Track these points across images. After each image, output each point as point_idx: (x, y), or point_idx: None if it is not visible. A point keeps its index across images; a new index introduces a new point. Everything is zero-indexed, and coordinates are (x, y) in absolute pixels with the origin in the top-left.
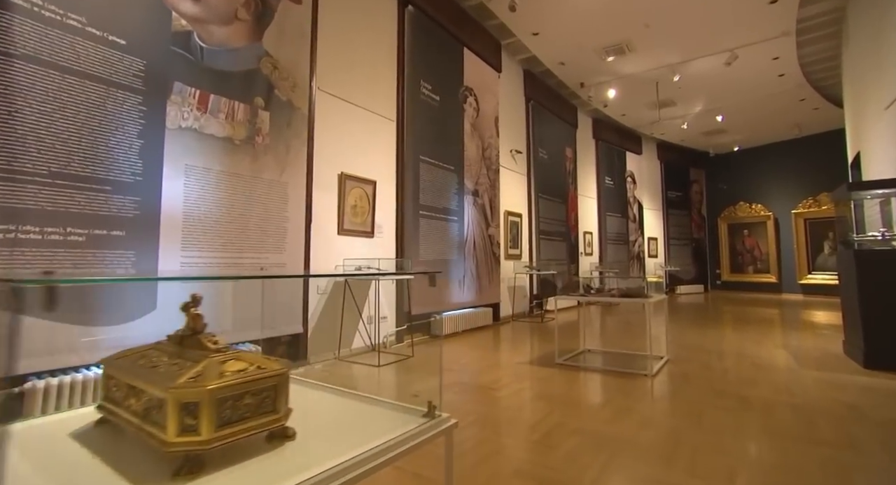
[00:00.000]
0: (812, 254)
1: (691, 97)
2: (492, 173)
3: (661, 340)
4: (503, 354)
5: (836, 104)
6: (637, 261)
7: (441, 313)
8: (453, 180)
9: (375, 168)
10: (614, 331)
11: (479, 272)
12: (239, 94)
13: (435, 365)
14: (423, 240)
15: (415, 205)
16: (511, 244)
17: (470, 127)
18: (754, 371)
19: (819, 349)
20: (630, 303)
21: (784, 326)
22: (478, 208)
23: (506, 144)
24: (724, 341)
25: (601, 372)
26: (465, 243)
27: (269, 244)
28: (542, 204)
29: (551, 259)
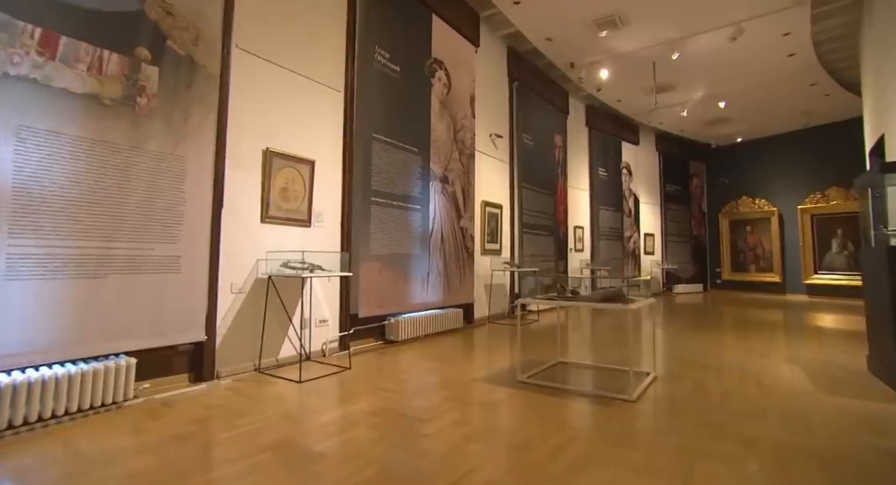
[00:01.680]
0: (819, 252)
1: (691, 81)
2: (465, 158)
3: (650, 350)
4: (461, 366)
5: (850, 90)
6: (632, 258)
7: (399, 316)
8: (416, 164)
9: (314, 146)
10: (598, 338)
11: (448, 269)
12: (110, 41)
13: (372, 380)
14: (377, 231)
15: (366, 190)
16: (489, 238)
17: (439, 105)
18: (761, 396)
19: (837, 364)
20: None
21: (792, 333)
22: (447, 197)
23: (484, 128)
24: (724, 352)
25: (570, 395)
26: (430, 236)
27: (156, 232)
28: (527, 195)
29: (536, 255)
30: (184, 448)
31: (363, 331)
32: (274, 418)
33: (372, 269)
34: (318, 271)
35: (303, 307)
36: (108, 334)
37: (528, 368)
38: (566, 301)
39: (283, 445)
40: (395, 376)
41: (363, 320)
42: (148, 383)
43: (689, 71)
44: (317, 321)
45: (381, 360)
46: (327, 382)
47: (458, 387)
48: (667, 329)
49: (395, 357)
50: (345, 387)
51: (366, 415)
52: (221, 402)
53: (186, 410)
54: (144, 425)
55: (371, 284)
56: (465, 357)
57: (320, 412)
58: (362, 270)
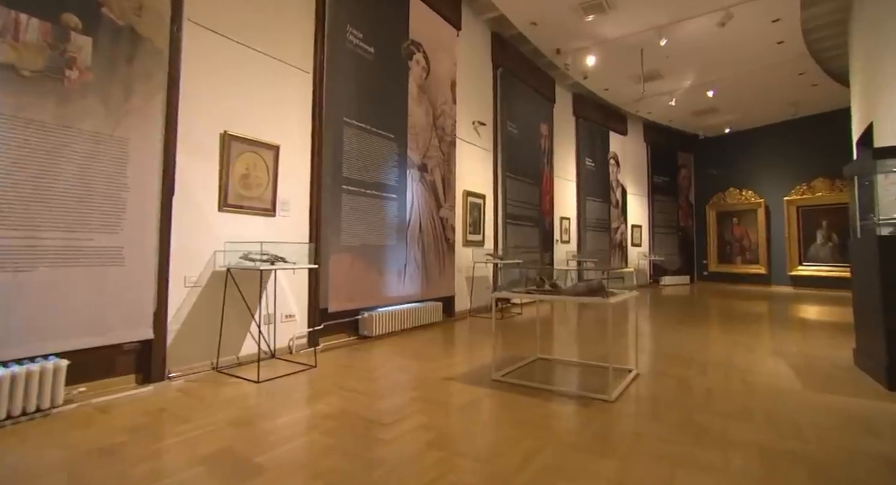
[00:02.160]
0: (804, 244)
1: (680, 68)
2: (446, 146)
3: (633, 345)
4: (435, 363)
5: (838, 80)
6: (619, 250)
7: (374, 310)
8: (392, 151)
9: (279, 130)
10: (582, 332)
11: (427, 261)
12: (29, 4)
13: (337, 379)
14: (348, 221)
15: (336, 178)
16: (471, 229)
17: (417, 89)
18: (747, 394)
19: (823, 358)
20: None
21: (777, 326)
22: (426, 186)
23: (466, 115)
24: (709, 346)
25: (546, 395)
26: (407, 226)
27: (94, 221)
28: (511, 185)
29: (520, 247)
30: (103, 464)
31: (334, 326)
32: (220, 424)
33: (343, 261)
34: (279, 263)
35: (267, 302)
36: (34, 334)
37: (505, 364)
38: (543, 295)
39: (222, 456)
40: (362, 375)
41: (334, 315)
42: (84, 386)
43: (677, 58)
44: (282, 316)
45: (351, 357)
46: (288, 381)
47: (428, 386)
48: (652, 322)
49: (366, 354)
50: (306, 387)
51: (322, 418)
52: (167, 405)
53: (123, 416)
54: (67, 436)
55: (342, 277)
56: (441, 353)
57: (273, 416)
58: (332, 262)
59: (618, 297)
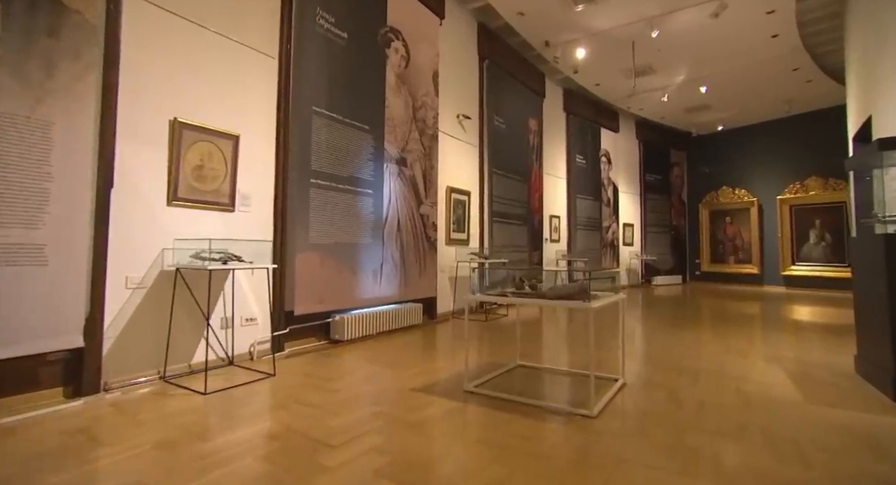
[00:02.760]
0: (797, 243)
1: (672, 63)
2: (427, 139)
3: (620, 352)
4: (406, 370)
5: (832, 76)
6: (610, 249)
7: (347, 312)
8: (367, 143)
9: (240, 119)
10: (570, 336)
11: (406, 260)
12: None
13: (293, 390)
14: (318, 217)
15: (304, 171)
16: (455, 227)
17: (395, 79)
18: (742, 407)
19: (822, 365)
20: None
21: (771, 328)
22: (405, 181)
23: (450, 108)
24: (702, 352)
25: (521, 410)
26: (384, 224)
27: (7, 215)
28: (498, 181)
29: (507, 246)
30: None
31: (303, 330)
32: (143, 448)
33: (311, 260)
34: (234, 263)
35: (225, 304)
36: None
37: (482, 372)
38: (519, 297)
39: None
40: (323, 385)
41: (301, 318)
42: None
43: (669, 52)
44: (242, 320)
45: (315, 364)
46: (239, 392)
47: (392, 399)
48: (643, 324)
49: (334, 360)
50: (257, 399)
51: (264, 439)
52: (90, 424)
53: (30, 439)
54: None
55: (310, 278)
56: (416, 359)
57: (208, 437)
58: (299, 262)
59: (601, 300)
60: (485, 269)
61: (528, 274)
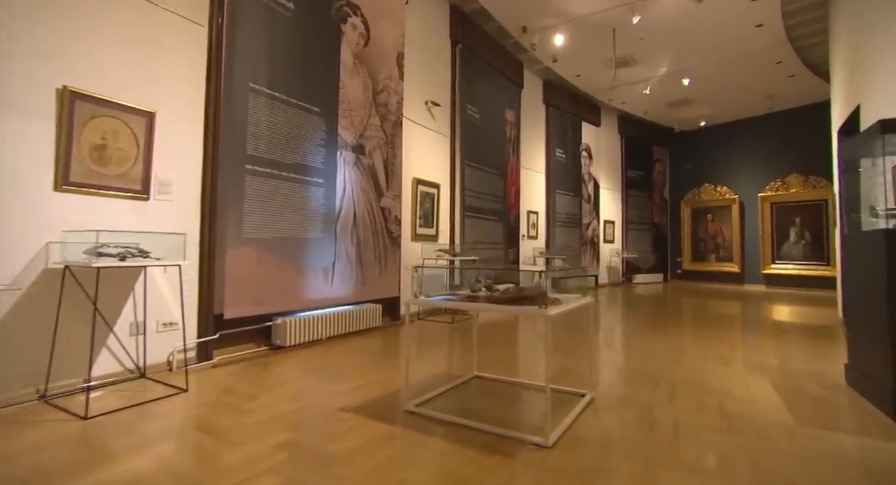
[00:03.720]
0: (777, 241)
1: (654, 53)
2: (389, 126)
3: (589, 362)
4: (343, 384)
5: (815, 71)
6: (591, 247)
7: (292, 314)
8: (317, 127)
9: (157, 93)
10: (542, 341)
11: (364, 257)
12: None
13: (199, 411)
14: (255, 208)
15: (239, 156)
16: (422, 221)
17: (352, 57)
18: (725, 432)
19: (809, 375)
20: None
21: (754, 331)
22: (363, 170)
23: (418, 94)
24: (681, 358)
25: (464, 437)
26: (337, 217)
27: None
28: (471, 174)
29: (481, 242)
30: None
31: (237, 335)
32: None
33: (246, 256)
34: (133, 260)
35: (136, 307)
36: None
37: (432, 385)
38: (466, 301)
39: None
40: (239, 404)
41: (234, 322)
42: None
43: (651, 40)
44: (158, 325)
45: (243, 375)
46: (130, 416)
47: (312, 423)
48: (620, 327)
49: (266, 371)
50: (147, 426)
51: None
52: None
53: None
54: None
55: (244, 276)
56: (361, 369)
57: (56, 481)
58: (231, 258)
59: (562, 306)
60: (422, 269)
61: (486, 274)
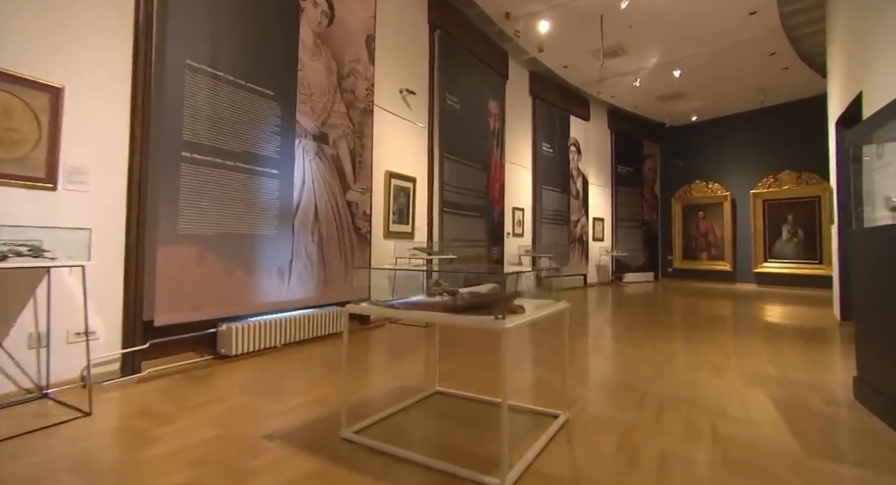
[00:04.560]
0: (769, 239)
1: (644, 43)
2: (357, 114)
3: (565, 376)
4: (281, 403)
5: (809, 63)
6: (579, 244)
7: (241, 320)
8: (271, 112)
9: (67, 65)
10: (523, 345)
11: (326, 256)
12: None
13: (98, 439)
14: (195, 201)
15: (174, 142)
16: (395, 217)
17: (313, 37)
18: (721, 465)
19: (812, 387)
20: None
21: (749, 334)
22: (326, 161)
23: (391, 80)
24: (670, 368)
25: (405, 474)
26: (295, 211)
27: None
28: (451, 168)
29: (462, 240)
30: None
31: (176, 344)
32: None
33: (182, 255)
34: (16, 260)
35: (37, 315)
36: None
37: (384, 404)
38: (409, 311)
39: None
40: (143, 432)
41: (168, 330)
42: None
43: (640, 28)
44: (69, 335)
45: (167, 392)
46: (14, 448)
47: (225, 456)
48: (607, 330)
49: (199, 386)
50: (14, 465)
51: None
52: None
53: None
54: None
55: (179, 278)
56: (311, 382)
57: None
58: (163, 258)
59: (524, 316)
60: (367, 271)
61: (444, 276)
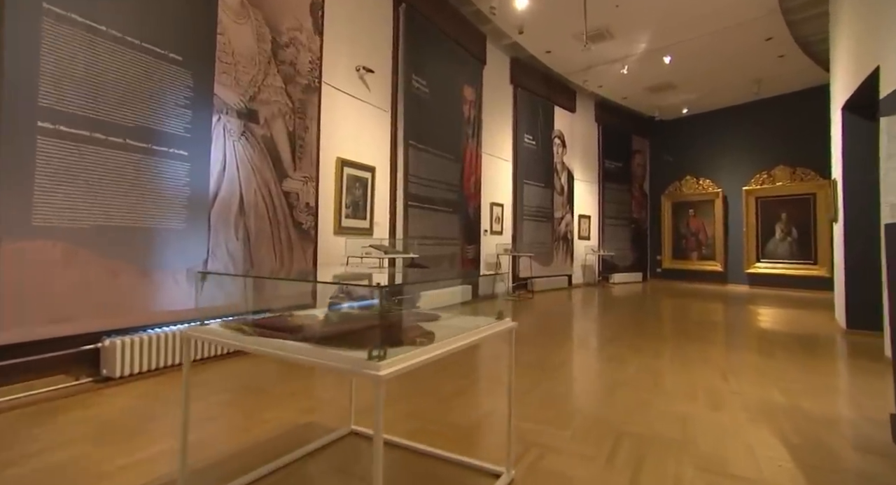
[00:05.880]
0: (762, 238)
1: (632, 24)
2: (299, 91)
3: (509, 415)
4: (138, 450)
5: (806, 50)
6: (564, 243)
7: (134, 333)
8: (179, 81)
9: None
10: (490, 363)
11: (256, 254)
12: None
13: None
14: (59, 184)
15: (25, 108)
16: (349, 211)
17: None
18: None
19: (837, 423)
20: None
21: (747, 348)
22: (255, 144)
23: (345, 56)
24: (654, 399)
25: None
26: (211, 202)
27: None
28: (418, 157)
29: (430, 237)
30: None
31: (36, 366)
32: None
33: (38, 253)
34: None
35: None
36: None
37: (275, 451)
38: (248, 337)
39: None
40: None
41: (23, 349)
42: None
43: (628, 7)
44: None
45: None
46: None
47: None
48: (584, 342)
49: (38, 425)
50: None
51: None
52: None
53: None
54: None
55: (35, 282)
56: (199, 416)
57: None
58: (10, 257)
59: (411, 357)
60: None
61: (346, 288)
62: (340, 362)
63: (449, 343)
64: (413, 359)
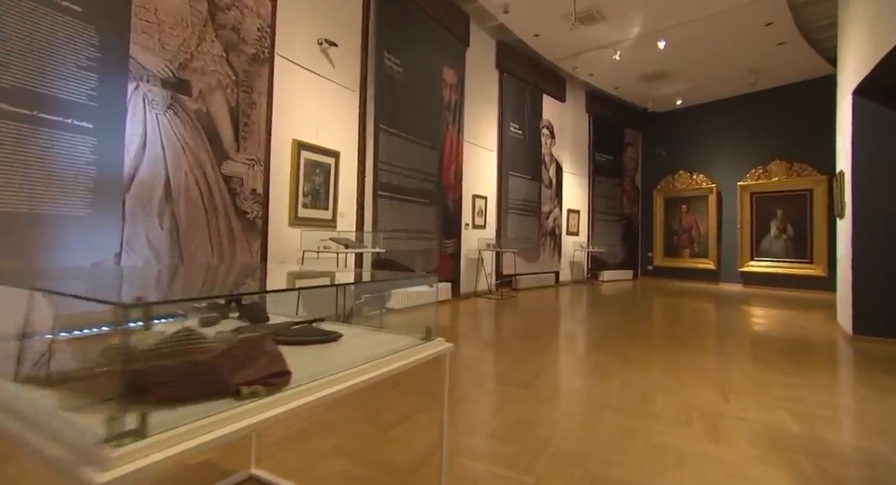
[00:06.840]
0: (756, 236)
1: (623, 7)
2: (243, 61)
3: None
4: None
5: (807, 38)
6: (551, 239)
7: None
8: (80, 37)
9: None
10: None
11: (186, 247)
12: None
13: None
14: None
15: None
16: (308, 200)
17: None
18: None
19: (871, 468)
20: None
21: (747, 357)
22: (185, 119)
23: (305, 26)
24: (641, 425)
25: None
26: (127, 185)
27: None
28: (390, 143)
29: (404, 231)
30: None
31: None
32: None
33: None
34: None
35: None
36: None
37: None
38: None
39: None
40: None
41: None
42: None
43: None
44: None
45: None
46: None
47: None
48: (571, 347)
49: None
50: None
51: None
52: None
53: None
54: None
55: None
56: None
57: None
58: None
59: (181, 441)
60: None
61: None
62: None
63: (306, 393)
64: (205, 434)
